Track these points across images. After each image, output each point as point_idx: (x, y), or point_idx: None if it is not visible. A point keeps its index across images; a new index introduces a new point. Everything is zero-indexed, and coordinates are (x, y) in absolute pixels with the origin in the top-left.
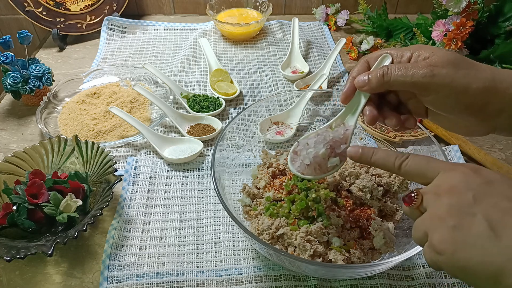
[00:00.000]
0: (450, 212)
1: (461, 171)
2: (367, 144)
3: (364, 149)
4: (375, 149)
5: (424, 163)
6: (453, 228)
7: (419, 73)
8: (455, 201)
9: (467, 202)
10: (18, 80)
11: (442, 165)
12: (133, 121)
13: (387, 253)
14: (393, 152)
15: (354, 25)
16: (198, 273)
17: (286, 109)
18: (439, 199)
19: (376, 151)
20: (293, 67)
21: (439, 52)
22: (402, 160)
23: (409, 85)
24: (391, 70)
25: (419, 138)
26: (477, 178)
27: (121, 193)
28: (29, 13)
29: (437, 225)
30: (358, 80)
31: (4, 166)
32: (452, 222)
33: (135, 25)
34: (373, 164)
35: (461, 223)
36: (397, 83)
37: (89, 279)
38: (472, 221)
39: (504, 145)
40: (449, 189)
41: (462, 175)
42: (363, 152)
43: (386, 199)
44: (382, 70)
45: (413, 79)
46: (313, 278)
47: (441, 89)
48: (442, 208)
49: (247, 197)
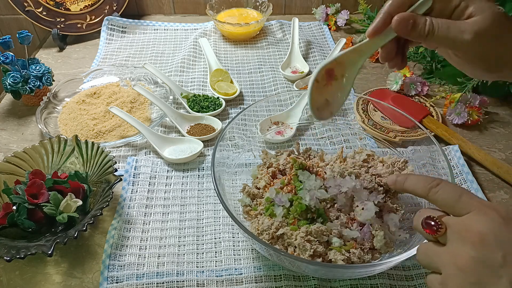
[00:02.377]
0: (474, 266)
1: (493, 218)
2: (367, 144)
3: (398, 177)
4: (408, 175)
5: (455, 196)
6: (473, 285)
7: (463, 39)
8: (481, 255)
9: (495, 261)
10: (18, 80)
11: (474, 203)
12: (133, 121)
13: (387, 253)
14: (424, 178)
15: (354, 25)
16: (198, 273)
17: (286, 109)
18: (465, 245)
19: (409, 177)
20: (293, 67)
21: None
22: (432, 186)
23: (446, 45)
24: (436, 26)
25: (419, 138)
26: (509, 233)
27: (121, 193)
28: (29, 13)
29: (456, 274)
30: (399, 22)
31: (4, 166)
32: (473, 278)
33: (135, 25)
34: (405, 190)
35: (484, 282)
36: (436, 40)
37: (89, 279)
38: (496, 284)
39: (504, 145)
40: (478, 238)
41: (493, 224)
42: (397, 180)
43: (386, 199)
44: (427, 23)
45: (454, 44)
46: (313, 278)
47: (476, 53)
48: (465, 258)
49: (247, 197)
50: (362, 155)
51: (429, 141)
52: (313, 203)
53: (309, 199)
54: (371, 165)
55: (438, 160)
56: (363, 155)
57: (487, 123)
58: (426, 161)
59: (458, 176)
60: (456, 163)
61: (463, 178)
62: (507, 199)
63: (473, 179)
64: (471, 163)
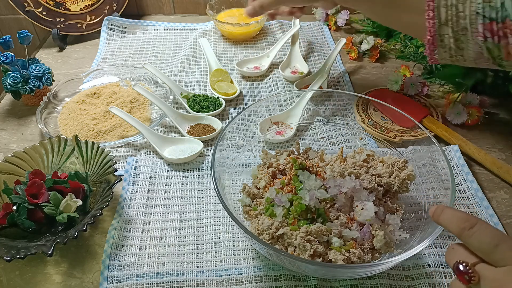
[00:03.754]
0: None
1: None
2: (367, 144)
3: (436, 209)
4: (445, 208)
5: (492, 243)
6: None
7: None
8: None
9: None
10: (18, 80)
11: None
12: (133, 121)
13: (387, 253)
14: (459, 214)
15: (354, 25)
16: (198, 273)
17: (286, 109)
18: None
19: (445, 210)
20: (293, 67)
21: None
22: (466, 228)
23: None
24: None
25: (419, 138)
26: None
27: (121, 193)
28: (29, 13)
29: None
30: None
31: (4, 166)
32: None
33: (135, 25)
34: (440, 224)
35: None
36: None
37: (89, 279)
38: None
39: (504, 145)
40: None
41: None
42: (434, 212)
43: (386, 199)
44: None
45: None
46: (313, 278)
47: None
48: None
49: (247, 197)
50: (362, 155)
51: (429, 141)
52: (313, 203)
53: (309, 199)
54: (371, 165)
55: (438, 160)
56: (363, 155)
57: (487, 123)
58: (426, 161)
59: (458, 176)
60: (456, 163)
61: (463, 178)
62: (507, 199)
63: (473, 179)
64: (471, 163)
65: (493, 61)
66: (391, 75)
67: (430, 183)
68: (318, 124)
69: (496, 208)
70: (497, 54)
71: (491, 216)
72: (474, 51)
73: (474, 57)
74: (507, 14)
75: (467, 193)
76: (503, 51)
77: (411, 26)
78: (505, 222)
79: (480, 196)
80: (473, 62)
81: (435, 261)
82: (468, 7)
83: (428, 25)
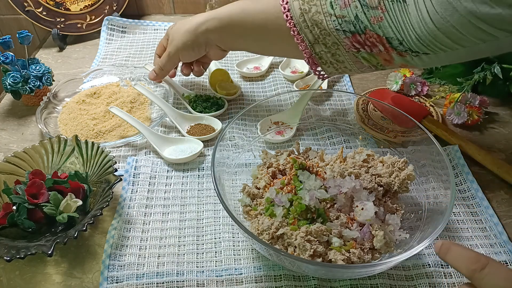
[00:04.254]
0: None
1: None
2: (367, 144)
3: (443, 245)
4: (452, 245)
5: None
6: None
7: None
8: None
9: None
10: (18, 80)
11: None
12: (133, 121)
13: (387, 253)
14: (468, 253)
15: None
16: (198, 273)
17: (286, 109)
18: None
19: (452, 248)
20: (292, 67)
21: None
22: (476, 269)
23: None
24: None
25: (419, 138)
26: None
27: (121, 193)
28: (29, 13)
29: None
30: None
31: (4, 166)
32: None
33: (135, 25)
34: (447, 262)
35: None
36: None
37: (89, 279)
38: None
39: (504, 145)
40: None
41: None
42: (440, 248)
43: (386, 199)
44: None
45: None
46: (313, 278)
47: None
48: None
49: (247, 197)
50: (362, 155)
51: (429, 141)
52: (313, 203)
53: (309, 199)
54: (371, 165)
55: (438, 160)
56: (363, 155)
57: (487, 123)
58: (426, 161)
59: (458, 176)
60: (456, 163)
61: (463, 178)
62: (507, 199)
63: (473, 179)
64: (471, 163)
65: (375, 68)
66: (391, 75)
67: (430, 183)
68: (318, 124)
69: (496, 208)
70: (375, 62)
71: (491, 216)
72: (353, 61)
73: (357, 66)
74: (364, 25)
75: (467, 193)
76: (380, 58)
77: (290, 53)
78: (505, 222)
79: (480, 196)
80: (358, 70)
81: (435, 261)
82: (326, 26)
83: (301, 47)
